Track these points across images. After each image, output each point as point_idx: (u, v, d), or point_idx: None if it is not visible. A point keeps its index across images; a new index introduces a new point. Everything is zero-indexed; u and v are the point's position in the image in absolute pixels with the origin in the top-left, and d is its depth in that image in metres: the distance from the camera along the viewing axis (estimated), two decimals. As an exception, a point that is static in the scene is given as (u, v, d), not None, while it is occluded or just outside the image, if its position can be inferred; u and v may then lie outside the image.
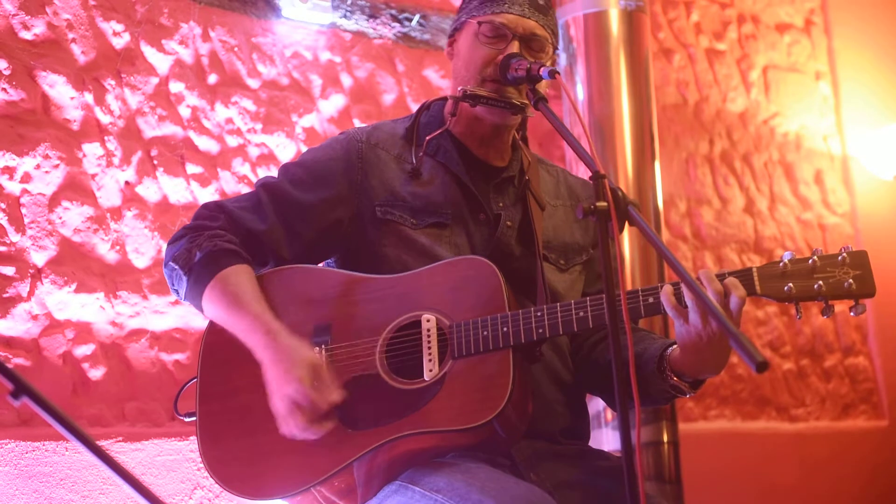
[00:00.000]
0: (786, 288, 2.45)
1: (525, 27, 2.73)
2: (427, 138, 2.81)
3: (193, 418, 2.69)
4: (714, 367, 2.54)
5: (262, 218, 2.74)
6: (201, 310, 2.69)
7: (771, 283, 2.46)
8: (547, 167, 2.99)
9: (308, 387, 2.50)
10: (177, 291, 2.73)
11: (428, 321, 2.58)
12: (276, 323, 2.59)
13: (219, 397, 2.67)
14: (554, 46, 2.79)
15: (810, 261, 2.46)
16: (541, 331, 2.52)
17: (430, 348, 2.56)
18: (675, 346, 2.56)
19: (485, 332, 2.53)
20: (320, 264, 2.84)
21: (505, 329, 2.52)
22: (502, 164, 2.85)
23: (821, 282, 2.44)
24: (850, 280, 2.43)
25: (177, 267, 2.68)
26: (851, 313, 2.44)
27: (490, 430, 2.49)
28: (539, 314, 2.53)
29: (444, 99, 2.89)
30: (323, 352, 2.61)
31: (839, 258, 2.45)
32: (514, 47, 2.70)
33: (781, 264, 2.46)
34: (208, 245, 2.66)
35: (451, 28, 2.88)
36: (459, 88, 2.73)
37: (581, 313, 2.52)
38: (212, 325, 2.71)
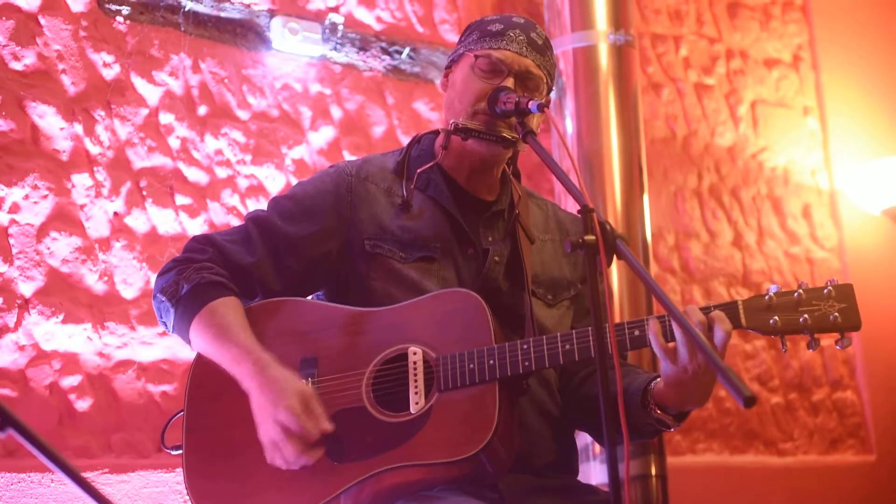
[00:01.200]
0: (771, 321, 2.45)
1: (521, 65, 2.74)
2: (417, 171, 2.81)
3: (180, 451, 2.68)
4: (697, 401, 2.54)
5: (251, 251, 2.74)
6: (189, 342, 2.69)
7: (756, 315, 2.46)
8: (537, 201, 2.99)
9: (299, 414, 2.49)
10: (165, 324, 2.73)
11: (414, 354, 2.58)
12: (264, 354, 2.59)
13: (206, 431, 2.66)
14: (549, 87, 2.81)
15: (796, 294, 2.46)
16: (527, 364, 2.52)
17: (416, 381, 2.56)
18: (658, 380, 2.56)
19: (471, 365, 2.53)
20: (309, 297, 2.84)
21: (491, 362, 2.52)
22: (491, 198, 2.85)
23: (806, 315, 2.44)
24: (836, 313, 2.44)
25: (164, 299, 2.68)
26: (837, 346, 2.44)
27: (476, 462, 2.48)
28: (525, 347, 2.53)
29: (436, 132, 2.90)
30: (310, 385, 2.60)
31: (825, 291, 2.45)
32: (509, 84, 2.71)
33: (767, 297, 2.47)
34: (196, 277, 2.66)
35: (448, 60, 2.89)
36: (451, 122, 2.74)
37: (567, 346, 2.52)
38: (199, 357, 2.71)
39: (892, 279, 6.41)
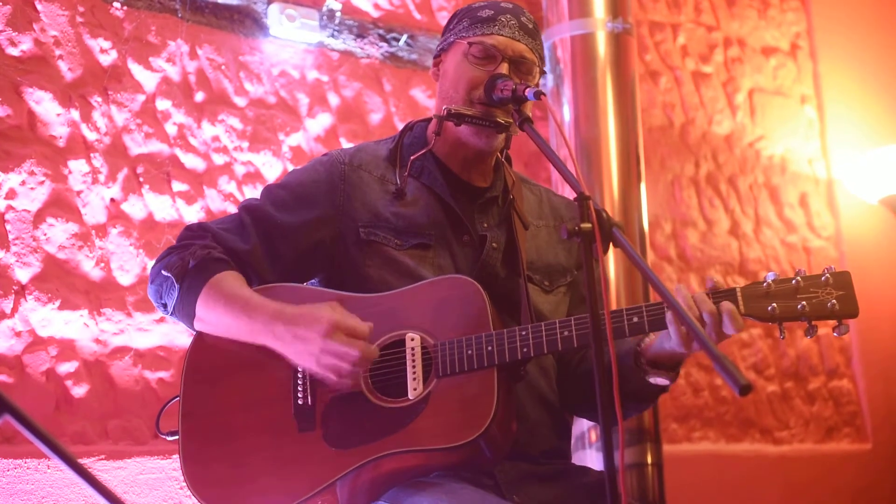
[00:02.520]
0: (769, 308, 2.46)
1: (515, 50, 2.74)
2: (411, 159, 2.81)
3: (175, 437, 2.68)
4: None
5: (245, 239, 2.74)
6: (191, 318, 2.68)
7: (755, 303, 2.47)
8: (530, 187, 2.99)
9: (344, 313, 2.53)
10: (164, 305, 2.72)
11: (412, 340, 2.58)
12: (278, 303, 2.60)
13: (202, 416, 2.67)
14: (541, 70, 2.81)
15: (794, 281, 2.47)
16: (525, 350, 2.53)
17: (414, 367, 2.56)
18: (647, 339, 2.56)
19: (469, 351, 2.53)
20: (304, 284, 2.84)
21: (489, 348, 2.52)
22: (485, 184, 2.85)
23: (804, 302, 2.45)
24: (834, 300, 2.44)
25: (170, 275, 2.67)
26: (835, 333, 2.45)
27: (474, 448, 2.49)
28: (524, 333, 2.53)
29: (428, 120, 2.90)
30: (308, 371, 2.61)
31: (822, 278, 2.46)
32: (504, 69, 2.71)
33: (765, 284, 2.47)
34: (202, 253, 2.68)
35: (437, 48, 2.88)
36: (444, 108, 2.74)
37: (566, 332, 2.53)
38: (195, 342, 2.71)
39: (888, 268, 6.42)
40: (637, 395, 2.67)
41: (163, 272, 2.70)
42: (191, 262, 2.66)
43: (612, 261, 4.44)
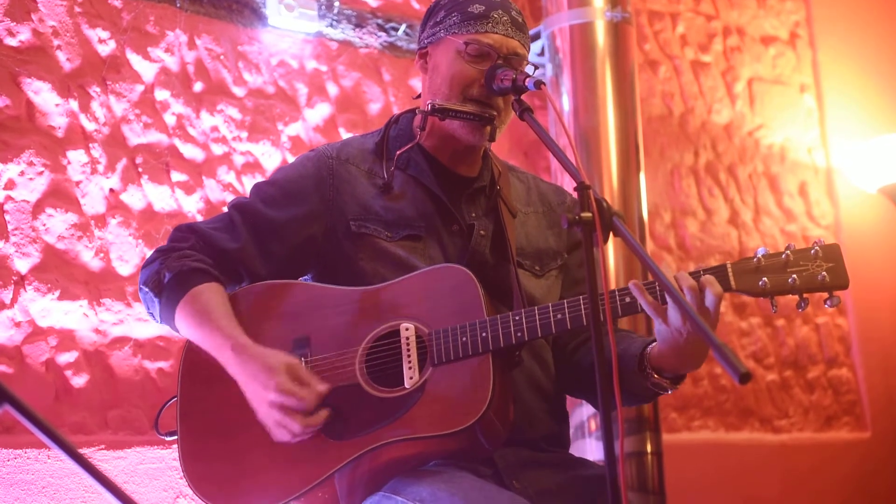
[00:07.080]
0: (760, 282, 2.47)
1: (509, 47, 2.75)
2: (397, 153, 2.82)
3: (174, 437, 2.69)
4: (694, 363, 2.55)
5: (235, 237, 2.74)
6: (177, 330, 2.70)
7: (745, 277, 2.49)
8: (517, 174, 3.00)
9: (291, 386, 2.50)
10: (152, 315, 2.75)
11: (407, 330, 2.59)
12: (243, 338, 2.59)
13: (200, 414, 2.67)
14: (528, 62, 2.81)
15: (784, 255, 2.49)
16: (519, 334, 2.54)
17: (409, 356, 2.57)
18: (654, 344, 2.57)
19: (464, 338, 2.54)
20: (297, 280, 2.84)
21: (484, 334, 2.53)
22: (473, 174, 2.86)
23: (794, 275, 2.47)
24: (824, 273, 2.46)
25: (148, 290, 2.69)
26: (826, 304, 2.47)
27: (472, 435, 2.49)
28: (517, 318, 2.55)
29: (413, 112, 2.90)
30: (303, 364, 2.61)
31: (812, 252, 2.49)
32: None
33: (755, 259, 2.49)
34: (177, 265, 2.67)
35: (423, 39, 2.86)
36: (428, 102, 2.74)
37: (559, 316, 2.54)
38: (190, 342, 2.72)
39: (887, 257, 6.43)
40: (638, 395, 2.68)
41: (143, 287, 2.71)
42: (166, 275, 2.67)
43: (611, 250, 4.44)
